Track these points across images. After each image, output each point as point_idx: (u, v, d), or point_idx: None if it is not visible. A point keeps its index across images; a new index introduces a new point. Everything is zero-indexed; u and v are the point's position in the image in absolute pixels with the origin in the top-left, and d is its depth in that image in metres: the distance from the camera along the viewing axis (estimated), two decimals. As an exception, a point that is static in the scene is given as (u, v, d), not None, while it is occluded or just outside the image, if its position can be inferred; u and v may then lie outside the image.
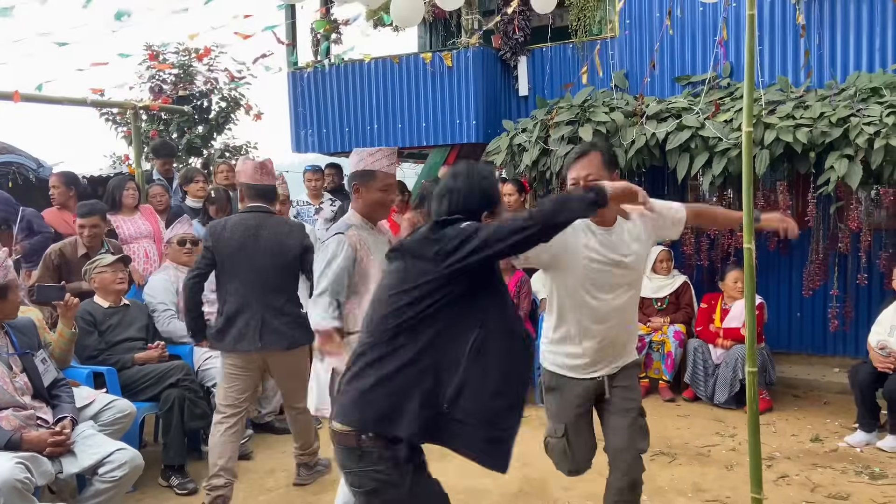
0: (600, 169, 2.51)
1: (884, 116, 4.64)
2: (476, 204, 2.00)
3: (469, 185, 2.01)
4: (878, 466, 3.87)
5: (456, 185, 2.02)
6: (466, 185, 2.01)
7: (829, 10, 5.37)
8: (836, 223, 5.17)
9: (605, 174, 2.50)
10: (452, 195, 2.00)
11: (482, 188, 2.02)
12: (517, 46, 6.43)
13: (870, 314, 4.91)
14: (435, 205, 2.03)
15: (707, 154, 5.17)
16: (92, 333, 3.98)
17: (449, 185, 2.04)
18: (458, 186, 2.01)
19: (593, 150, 2.58)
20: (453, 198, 2.00)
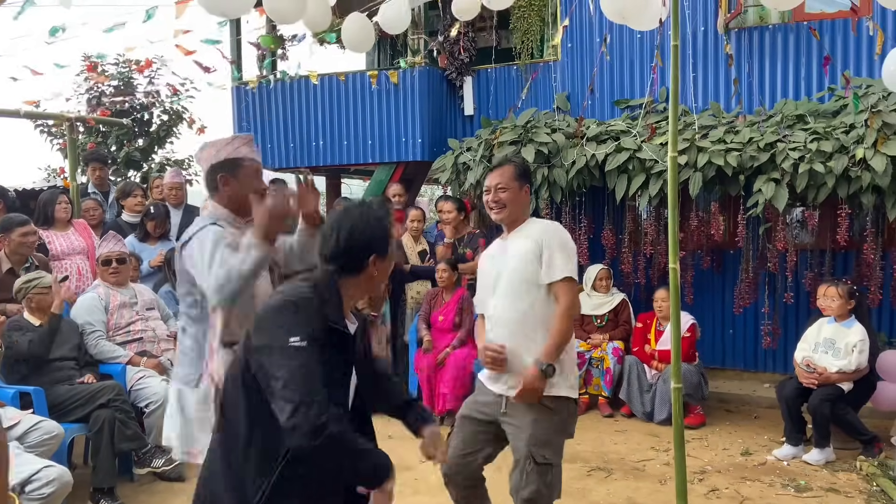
0: (511, 180, 2.73)
1: (808, 142, 4.89)
2: (365, 246, 1.84)
3: (361, 226, 1.84)
4: (804, 479, 4.02)
5: (346, 223, 1.84)
6: (358, 226, 1.84)
7: (759, 40, 5.63)
8: (765, 243, 5.39)
9: (514, 185, 2.74)
10: (341, 234, 1.83)
11: (374, 231, 1.85)
12: (463, 67, 6.53)
13: (797, 331, 5.11)
14: (321, 242, 1.87)
15: (644, 175, 5.34)
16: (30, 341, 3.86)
17: (339, 223, 1.86)
18: (349, 226, 1.84)
19: (507, 163, 2.82)
20: (342, 236, 1.83)
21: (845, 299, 4.47)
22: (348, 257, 1.83)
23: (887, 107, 4.77)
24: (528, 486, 2.57)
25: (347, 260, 1.83)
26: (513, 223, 2.78)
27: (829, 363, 4.41)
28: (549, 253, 2.62)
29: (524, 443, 2.59)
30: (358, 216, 1.86)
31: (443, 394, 5.00)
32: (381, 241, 1.86)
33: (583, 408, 5.38)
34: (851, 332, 4.42)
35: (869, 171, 4.64)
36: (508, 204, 2.72)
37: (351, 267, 1.85)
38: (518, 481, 2.61)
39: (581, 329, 5.65)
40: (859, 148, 4.69)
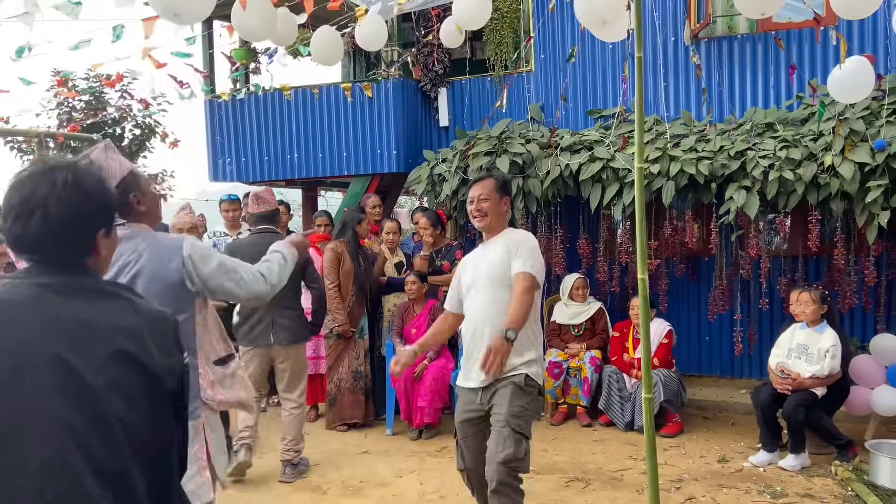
0: (492, 191, 3.04)
1: (777, 150, 4.95)
2: (88, 219, 1.31)
3: (77, 191, 1.29)
4: (780, 485, 4.04)
5: (53, 192, 1.27)
6: (73, 193, 1.28)
7: (728, 50, 5.71)
8: (738, 250, 5.44)
9: (495, 196, 3.04)
10: (49, 205, 1.26)
11: (99, 195, 1.33)
12: (437, 78, 6.54)
13: (772, 337, 5.14)
14: (14, 223, 1.27)
15: (618, 184, 5.37)
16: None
17: (42, 191, 1.27)
18: (60, 194, 1.27)
19: (489, 176, 3.14)
20: (51, 210, 1.26)
21: (818, 304, 4.52)
22: (64, 239, 1.29)
23: (854, 114, 4.85)
24: (506, 450, 2.79)
25: (63, 243, 1.29)
26: (492, 231, 3.08)
27: (802, 369, 4.45)
28: (517, 253, 2.94)
29: (503, 413, 2.84)
30: (69, 182, 1.29)
31: (420, 407, 4.96)
32: (109, 211, 1.37)
33: (561, 418, 5.38)
34: (824, 338, 4.46)
35: (837, 177, 4.70)
36: (489, 213, 3.03)
37: (71, 252, 1.31)
38: (495, 446, 2.81)
39: (558, 339, 5.65)
40: (827, 155, 4.76)
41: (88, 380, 1.20)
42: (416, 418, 5.00)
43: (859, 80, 3.90)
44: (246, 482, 4.26)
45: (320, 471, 4.41)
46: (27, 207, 1.26)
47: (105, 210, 1.35)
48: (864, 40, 5.32)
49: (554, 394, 5.41)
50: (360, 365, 5.27)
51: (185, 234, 4.55)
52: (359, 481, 4.24)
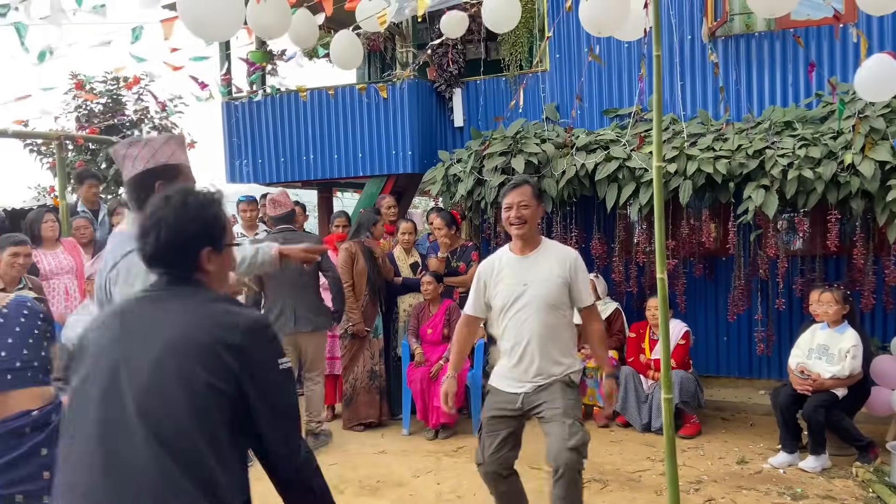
0: (531, 198, 3.05)
1: (796, 149, 4.90)
2: (191, 239, 1.55)
3: (183, 215, 1.55)
4: (800, 487, 4.00)
5: (165, 214, 1.54)
6: (179, 216, 1.54)
7: (745, 48, 5.66)
8: (757, 250, 5.39)
9: (534, 202, 3.06)
10: (161, 227, 1.53)
11: (201, 219, 1.56)
12: (452, 79, 6.54)
13: (791, 338, 5.10)
14: (140, 242, 1.57)
15: (634, 184, 5.35)
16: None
17: (157, 214, 1.55)
18: (168, 217, 1.54)
19: (526, 183, 3.13)
20: (162, 231, 1.52)
21: (841, 305, 4.47)
22: (173, 256, 1.55)
23: (874, 112, 4.79)
24: (575, 436, 2.89)
25: (172, 260, 1.55)
26: (529, 241, 3.10)
27: (822, 369, 4.40)
28: (576, 279, 3.08)
29: (560, 407, 2.95)
30: (177, 206, 1.55)
31: (436, 407, 4.95)
32: (211, 231, 1.58)
33: (578, 418, 5.35)
34: (844, 338, 4.41)
35: (857, 176, 4.65)
36: (529, 220, 3.04)
37: (180, 268, 1.56)
38: (564, 434, 2.89)
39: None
40: (847, 153, 4.71)
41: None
42: (432, 418, 5.01)
43: (887, 77, 3.84)
44: (263, 479, 4.26)
45: (337, 470, 4.42)
46: (149, 227, 1.54)
47: (206, 231, 1.56)
48: (883, 37, 5.25)
49: (570, 394, 5.38)
50: (375, 365, 5.28)
51: None
52: (375, 481, 4.25)
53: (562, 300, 3.05)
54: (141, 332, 1.49)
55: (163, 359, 1.43)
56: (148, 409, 1.40)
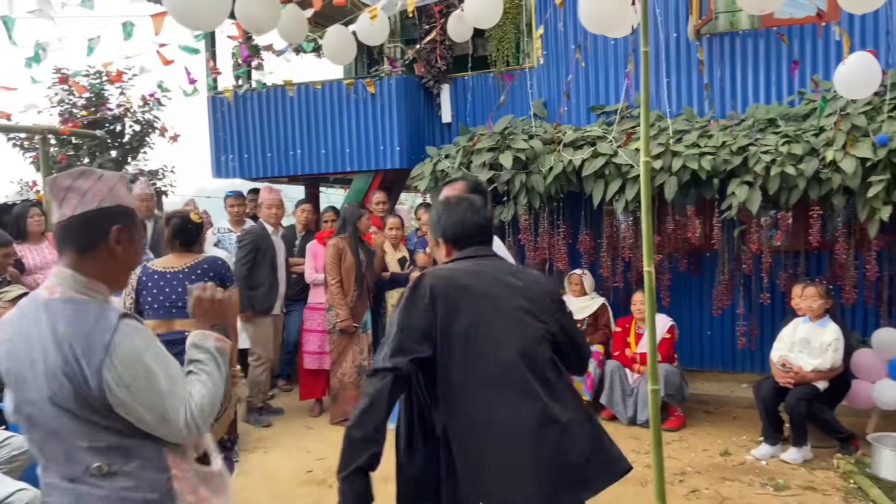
0: (463, 191, 2.87)
1: (779, 145, 4.97)
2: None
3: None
4: (783, 478, 4.07)
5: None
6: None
7: (730, 46, 5.73)
8: (740, 245, 5.47)
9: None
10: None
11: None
12: (440, 75, 6.56)
13: (773, 331, 5.18)
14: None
15: (620, 180, 5.39)
16: None
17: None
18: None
19: (461, 178, 2.96)
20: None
21: (824, 299, 4.55)
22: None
23: (856, 109, 4.87)
24: None
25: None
26: None
27: (804, 362, 4.48)
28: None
29: None
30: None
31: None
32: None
33: (565, 412, 5.40)
34: (826, 332, 4.49)
35: (839, 172, 4.73)
36: None
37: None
38: None
39: (561, 334, 5.68)
40: (829, 150, 4.78)
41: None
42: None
43: (866, 75, 3.91)
44: (252, 475, 4.29)
45: (325, 465, 4.44)
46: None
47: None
48: (865, 35, 5.33)
49: (557, 388, 5.43)
50: (363, 360, 5.29)
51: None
52: (364, 475, 4.26)
53: None
54: None
55: None
56: None
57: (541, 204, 5.73)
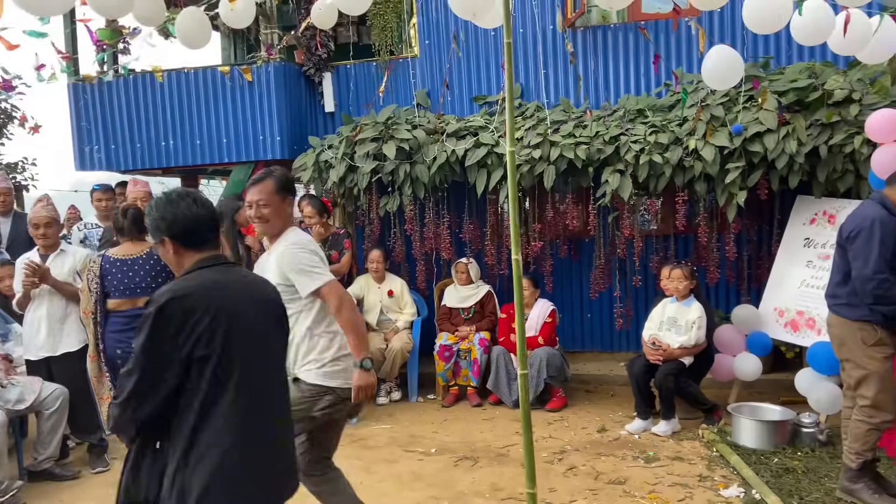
0: (272, 194, 2.79)
1: (647, 135, 5.22)
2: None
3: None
4: (653, 450, 4.30)
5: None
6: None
7: (602, 39, 5.94)
8: (615, 231, 5.71)
9: (276, 199, 2.79)
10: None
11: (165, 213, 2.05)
12: (321, 63, 6.41)
13: (647, 312, 5.45)
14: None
15: (502, 170, 5.49)
16: None
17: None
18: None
19: (268, 177, 2.82)
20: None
21: (689, 280, 4.83)
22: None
23: (714, 101, 5.18)
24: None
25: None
26: (275, 235, 2.86)
27: (672, 340, 4.75)
28: (289, 271, 2.72)
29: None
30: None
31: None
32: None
33: (452, 399, 5.47)
34: (691, 310, 4.77)
35: (700, 160, 5.02)
36: (271, 218, 2.80)
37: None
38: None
39: (449, 322, 5.74)
40: (691, 139, 5.06)
41: None
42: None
43: (729, 67, 4.16)
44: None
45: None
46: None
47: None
48: (724, 30, 5.67)
49: (445, 376, 5.49)
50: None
51: (42, 229, 4.26)
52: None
53: (287, 296, 2.64)
54: None
55: None
56: None
57: (426, 194, 5.74)
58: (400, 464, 4.23)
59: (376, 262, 5.70)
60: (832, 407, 4.20)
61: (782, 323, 4.97)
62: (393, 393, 5.57)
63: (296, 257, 2.74)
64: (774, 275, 5.14)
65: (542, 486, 3.83)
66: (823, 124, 4.80)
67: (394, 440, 4.65)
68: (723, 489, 3.68)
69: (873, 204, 3.35)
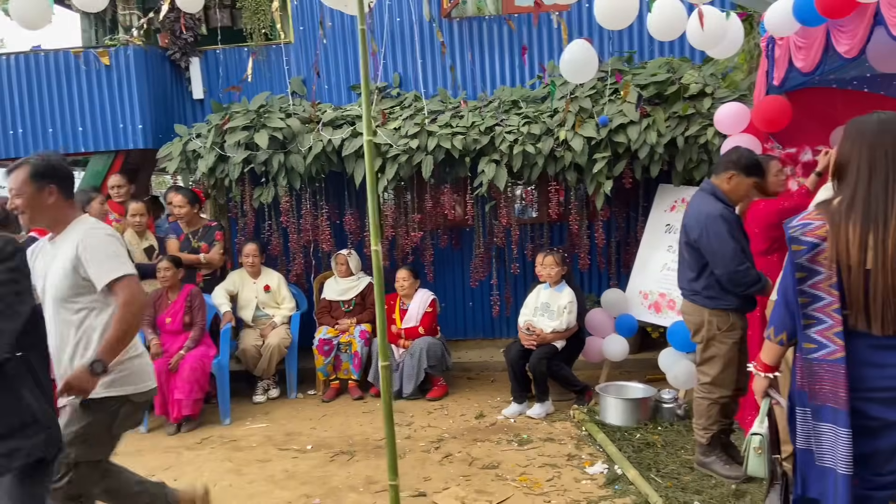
0: (24, 184, 2.55)
1: (521, 126, 5.33)
2: None
3: None
4: (527, 433, 4.41)
5: None
6: None
7: (478, 29, 6.00)
8: (492, 220, 5.81)
9: (29, 188, 2.55)
10: None
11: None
12: (187, 47, 6.08)
13: (525, 299, 5.59)
14: None
15: (380, 160, 5.43)
16: None
17: None
18: None
19: (22, 165, 2.58)
20: None
21: (560, 266, 4.98)
22: None
23: (583, 93, 5.36)
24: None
25: None
26: (52, 224, 2.63)
27: (545, 325, 4.89)
28: (85, 260, 2.52)
29: (68, 438, 2.48)
30: None
31: (177, 400, 4.66)
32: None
33: (332, 394, 5.38)
34: (562, 296, 4.93)
35: (570, 150, 5.19)
36: (27, 210, 2.57)
37: None
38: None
39: (329, 315, 5.63)
40: (562, 130, 5.22)
41: None
42: (173, 412, 4.69)
43: (585, 61, 4.29)
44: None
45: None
46: None
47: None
48: (592, 25, 5.84)
49: (325, 371, 5.39)
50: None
51: None
52: (105, 487, 3.87)
53: (73, 291, 2.54)
54: None
55: None
56: None
57: (302, 185, 5.60)
58: (273, 463, 4.11)
59: (251, 256, 5.50)
60: (688, 383, 4.47)
61: (646, 305, 5.23)
62: (271, 390, 5.41)
63: (102, 242, 2.55)
64: (639, 260, 5.41)
65: (418, 475, 3.84)
66: (680, 116, 5.08)
67: (269, 439, 4.51)
68: (588, 467, 3.83)
69: (706, 196, 3.51)
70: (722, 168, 3.53)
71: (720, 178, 3.52)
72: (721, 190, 3.50)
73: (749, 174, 3.48)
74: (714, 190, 3.52)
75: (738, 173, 3.47)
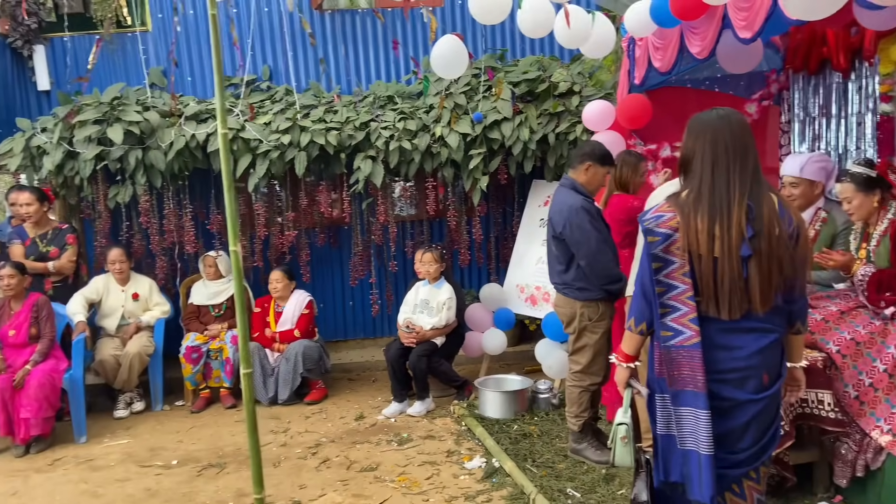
0: None
1: (397, 122, 5.27)
2: None
3: None
4: (406, 432, 4.35)
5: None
6: None
7: (351, 23, 5.87)
8: (370, 217, 5.71)
9: None
10: None
11: None
12: (30, 34, 5.53)
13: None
14: None
15: (250, 156, 5.19)
16: None
17: None
18: None
19: None
20: None
21: (439, 263, 4.96)
22: None
23: (458, 89, 5.37)
24: None
25: None
26: None
27: (424, 322, 4.85)
28: None
29: None
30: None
31: (24, 419, 4.21)
32: None
33: (203, 404, 5.07)
34: (441, 292, 4.92)
35: (446, 147, 5.18)
36: None
37: None
38: None
39: (197, 321, 5.31)
40: (438, 126, 5.21)
41: None
42: (20, 432, 4.24)
43: (454, 56, 4.28)
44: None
45: None
46: None
47: None
48: (465, 21, 5.88)
49: (193, 380, 5.07)
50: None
51: None
52: (-68, 525, 3.43)
53: None
54: None
55: None
56: None
57: (163, 183, 5.25)
58: (134, 482, 3.80)
59: (118, 262, 5.06)
60: (563, 372, 4.58)
61: (523, 298, 5.33)
62: (134, 404, 5.02)
63: None
64: (515, 254, 5.50)
65: (293, 483, 3.68)
66: (551, 114, 5.22)
67: (129, 456, 4.18)
68: (467, 462, 3.82)
69: (566, 191, 3.62)
70: (578, 160, 3.65)
71: (577, 170, 3.63)
72: (579, 182, 3.62)
73: (603, 164, 3.64)
74: (573, 184, 3.62)
75: (594, 163, 3.60)
